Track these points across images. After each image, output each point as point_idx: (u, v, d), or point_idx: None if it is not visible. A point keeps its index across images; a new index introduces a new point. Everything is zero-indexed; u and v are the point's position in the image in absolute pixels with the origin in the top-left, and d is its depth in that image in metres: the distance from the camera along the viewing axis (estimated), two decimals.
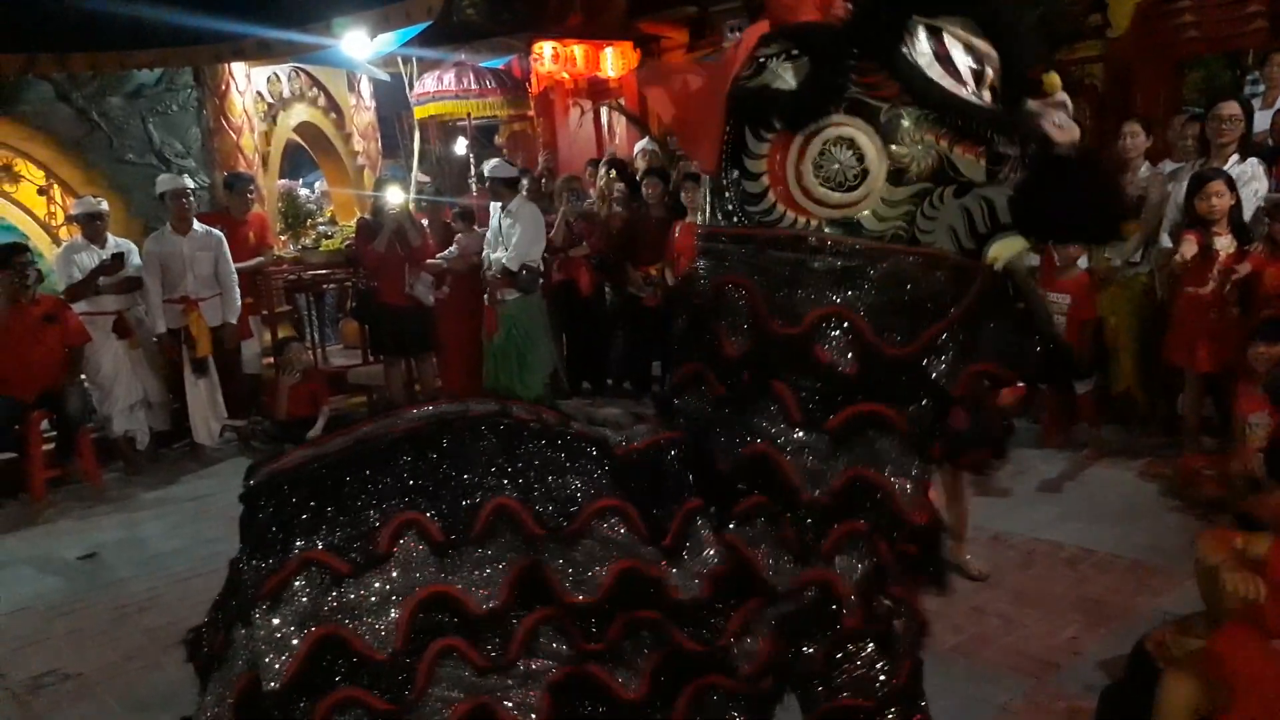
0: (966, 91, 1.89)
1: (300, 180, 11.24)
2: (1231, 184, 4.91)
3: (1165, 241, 5.28)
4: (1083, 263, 5.48)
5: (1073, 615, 3.66)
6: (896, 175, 1.86)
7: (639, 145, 9.96)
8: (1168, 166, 5.69)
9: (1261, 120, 5.75)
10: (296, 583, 1.73)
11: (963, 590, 3.57)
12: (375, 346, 7.82)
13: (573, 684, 1.83)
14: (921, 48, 1.87)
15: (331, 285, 8.75)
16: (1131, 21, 7.56)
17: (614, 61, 11.25)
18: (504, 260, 6.82)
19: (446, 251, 7.37)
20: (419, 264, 7.17)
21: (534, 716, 1.78)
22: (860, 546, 1.89)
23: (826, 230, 1.90)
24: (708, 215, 2.08)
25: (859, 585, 1.88)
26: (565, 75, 11.12)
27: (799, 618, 1.91)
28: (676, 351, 2.13)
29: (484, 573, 1.79)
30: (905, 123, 1.85)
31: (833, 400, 1.89)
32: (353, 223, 8.56)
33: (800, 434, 1.89)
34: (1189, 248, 4.86)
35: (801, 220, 1.91)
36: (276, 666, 1.69)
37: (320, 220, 9.96)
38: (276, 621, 1.71)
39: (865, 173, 1.85)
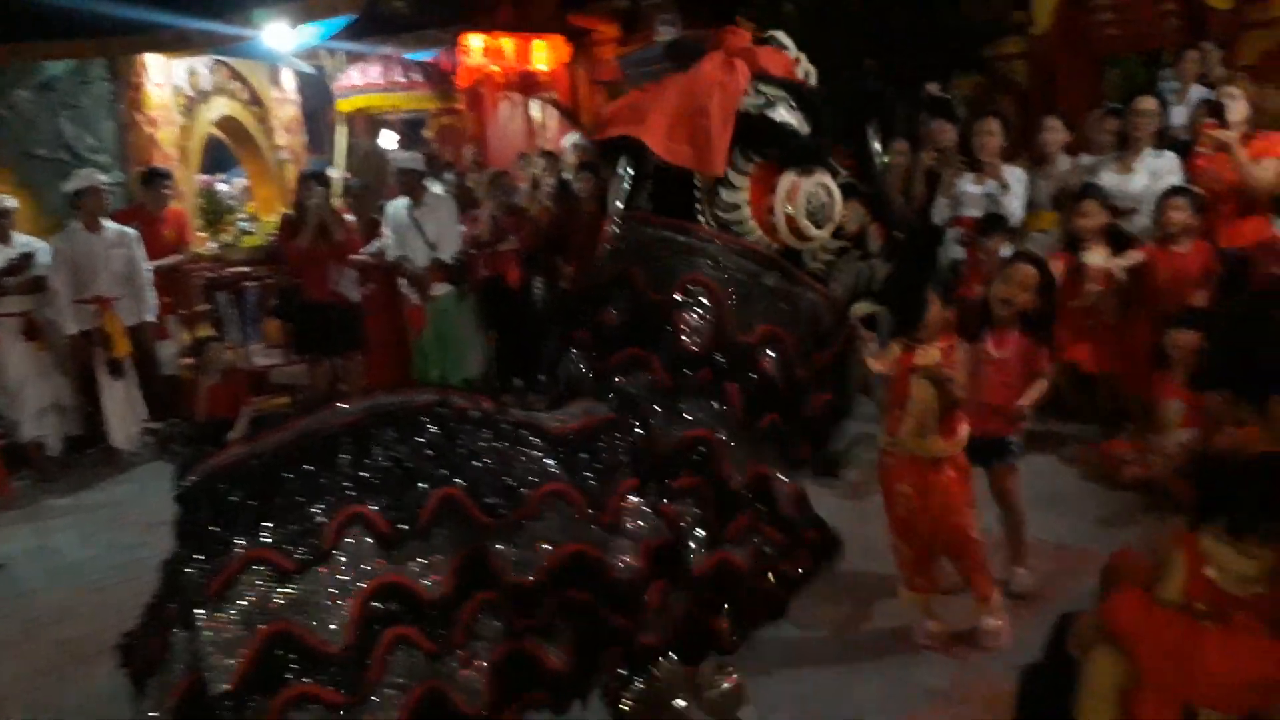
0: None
1: (222, 175, 10.97)
2: (1106, 204, 5.10)
3: None
4: (1005, 251, 5.56)
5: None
6: (837, 231, 2.32)
7: (568, 139, 9.90)
8: (1085, 160, 5.82)
9: (1176, 115, 5.92)
10: (241, 581, 1.72)
11: (894, 577, 3.58)
12: (299, 345, 7.63)
13: (511, 660, 1.94)
14: (871, 138, 2.43)
15: (253, 283, 8.54)
16: (1054, 19, 7.74)
17: (545, 54, 11.15)
18: (437, 253, 6.69)
19: (372, 246, 7.22)
20: (344, 260, 7.00)
21: (480, 694, 1.86)
22: (754, 533, 2.30)
23: (779, 255, 2.30)
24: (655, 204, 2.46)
25: (750, 564, 2.28)
26: (495, 68, 10.98)
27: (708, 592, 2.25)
28: (612, 334, 2.36)
29: (429, 560, 1.83)
30: (851, 193, 2.33)
31: (760, 404, 2.25)
32: (275, 218, 8.37)
33: (738, 430, 2.21)
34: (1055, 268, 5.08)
35: (765, 240, 2.29)
36: (227, 665, 1.66)
37: (241, 216, 9.74)
38: (223, 622, 1.69)
39: (830, 220, 2.27)
